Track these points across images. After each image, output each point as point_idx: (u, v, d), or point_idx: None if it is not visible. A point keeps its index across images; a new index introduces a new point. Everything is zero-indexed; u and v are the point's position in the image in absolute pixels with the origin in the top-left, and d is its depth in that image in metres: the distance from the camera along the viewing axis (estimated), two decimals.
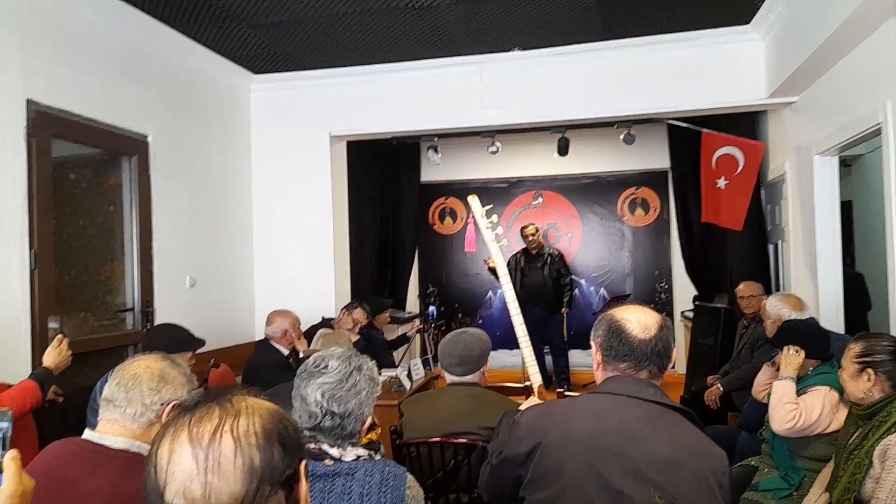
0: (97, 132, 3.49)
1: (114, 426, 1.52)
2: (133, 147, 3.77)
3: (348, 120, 4.96)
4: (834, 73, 3.59)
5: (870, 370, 2.12)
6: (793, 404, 2.44)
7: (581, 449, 1.46)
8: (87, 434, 1.53)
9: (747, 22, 4.10)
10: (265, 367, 3.58)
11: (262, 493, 0.83)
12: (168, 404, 1.55)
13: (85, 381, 3.19)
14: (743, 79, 4.27)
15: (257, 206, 5.05)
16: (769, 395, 2.61)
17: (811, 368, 2.59)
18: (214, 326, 4.29)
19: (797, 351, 2.55)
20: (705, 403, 4.01)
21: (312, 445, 1.51)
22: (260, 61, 4.65)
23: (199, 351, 3.05)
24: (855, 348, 2.19)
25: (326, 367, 1.59)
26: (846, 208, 5.56)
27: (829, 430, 2.43)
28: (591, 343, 1.65)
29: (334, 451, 1.49)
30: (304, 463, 0.93)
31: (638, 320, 1.57)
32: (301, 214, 4.99)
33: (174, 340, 2.86)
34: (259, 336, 4.29)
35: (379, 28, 4.02)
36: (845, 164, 5.87)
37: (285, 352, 3.77)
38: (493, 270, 5.77)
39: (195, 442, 0.83)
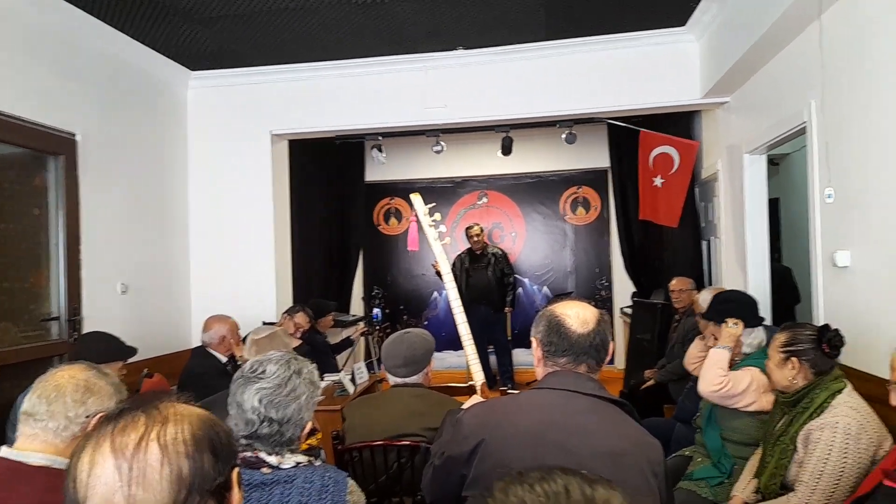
0: (21, 130, 3.31)
1: (33, 441, 1.44)
2: (60, 146, 3.59)
3: (290, 118, 4.87)
4: (763, 73, 3.74)
5: (794, 359, 2.21)
6: (724, 371, 2.55)
7: (526, 444, 1.47)
8: (3, 451, 1.44)
9: (683, 24, 4.23)
10: (202, 375, 3.46)
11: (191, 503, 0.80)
12: (94, 417, 1.47)
13: (7, 395, 3.02)
14: (679, 79, 4.40)
15: (194, 207, 4.89)
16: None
17: (737, 360, 2.69)
18: (148, 334, 4.14)
19: (736, 323, 2.65)
20: (641, 396, 4.17)
21: (249, 454, 1.46)
22: (199, 58, 4.50)
23: (131, 360, 2.93)
24: (780, 338, 2.27)
25: (264, 371, 1.54)
26: (774, 205, 5.83)
27: (752, 408, 2.54)
28: (532, 339, 1.66)
29: (272, 459, 1.44)
30: (236, 470, 0.90)
31: (577, 315, 1.59)
32: (240, 216, 4.86)
33: (104, 349, 2.75)
34: (196, 344, 4.15)
35: (325, 23, 3.95)
36: (773, 163, 6.16)
37: (223, 359, 3.66)
38: (440, 274, 5.78)
39: (118, 452, 0.80)
